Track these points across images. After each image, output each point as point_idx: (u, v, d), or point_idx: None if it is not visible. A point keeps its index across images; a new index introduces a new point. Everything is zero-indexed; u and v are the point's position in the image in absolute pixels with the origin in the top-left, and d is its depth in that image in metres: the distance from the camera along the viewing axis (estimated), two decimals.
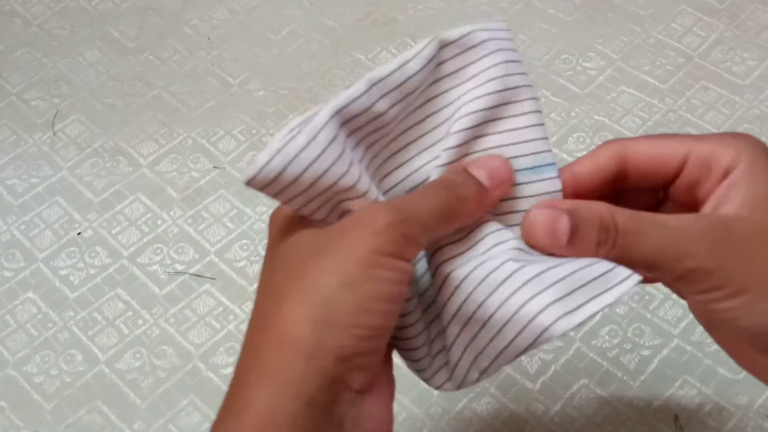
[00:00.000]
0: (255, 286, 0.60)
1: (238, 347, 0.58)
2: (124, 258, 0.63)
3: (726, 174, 0.33)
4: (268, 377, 0.29)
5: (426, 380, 0.35)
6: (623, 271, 0.31)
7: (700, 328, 0.56)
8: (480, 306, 0.31)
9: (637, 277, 0.31)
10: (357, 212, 0.32)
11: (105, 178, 0.67)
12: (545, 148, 0.35)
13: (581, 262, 0.31)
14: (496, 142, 0.35)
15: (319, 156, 0.30)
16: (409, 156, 0.35)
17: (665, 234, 0.32)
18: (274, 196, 0.31)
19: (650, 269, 0.32)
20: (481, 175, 0.34)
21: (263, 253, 0.62)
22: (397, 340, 0.34)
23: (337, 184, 0.31)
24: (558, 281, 0.30)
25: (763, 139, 0.68)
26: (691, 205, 0.35)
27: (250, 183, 0.30)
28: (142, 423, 0.56)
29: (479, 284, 0.32)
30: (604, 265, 0.31)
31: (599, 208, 0.33)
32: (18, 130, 0.71)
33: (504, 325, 0.31)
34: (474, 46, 0.35)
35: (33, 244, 0.64)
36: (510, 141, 0.35)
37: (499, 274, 0.31)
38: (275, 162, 0.30)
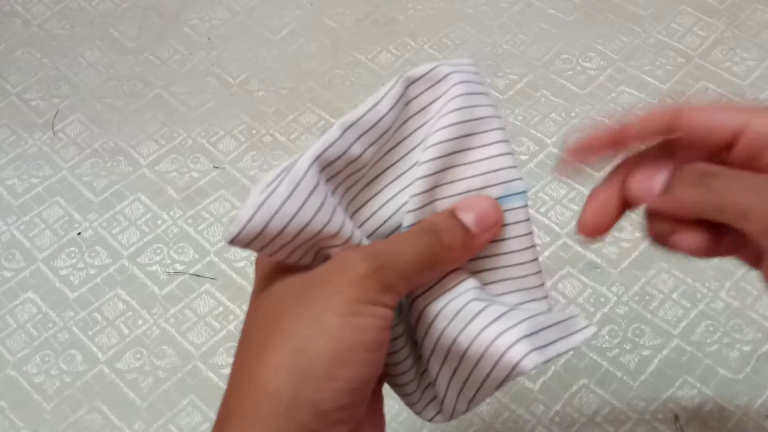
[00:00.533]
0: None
1: None
2: (124, 258, 0.63)
3: None
4: (249, 429, 0.29)
5: (418, 413, 0.35)
6: (581, 321, 0.32)
7: (701, 328, 0.57)
8: (454, 341, 0.32)
9: (594, 328, 0.32)
10: (336, 259, 0.31)
11: (105, 178, 0.67)
12: (515, 176, 0.35)
13: (540, 307, 0.33)
14: (465, 173, 0.34)
15: (301, 207, 0.30)
16: (389, 195, 0.35)
17: (760, 183, 0.31)
18: (259, 250, 0.31)
19: (740, 217, 0.31)
20: (468, 218, 0.33)
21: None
22: (387, 375, 0.35)
23: (322, 232, 0.31)
24: (524, 320, 0.31)
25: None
26: None
27: (234, 242, 0.30)
28: (142, 423, 0.56)
29: (451, 320, 0.32)
30: (562, 314, 0.32)
31: (698, 164, 0.32)
32: (18, 130, 0.71)
33: (478, 360, 0.31)
34: (439, 81, 0.34)
35: (33, 244, 0.64)
36: (479, 171, 0.34)
37: (469, 310, 0.32)
38: (258, 217, 0.29)
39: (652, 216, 0.34)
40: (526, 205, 0.35)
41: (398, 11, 0.76)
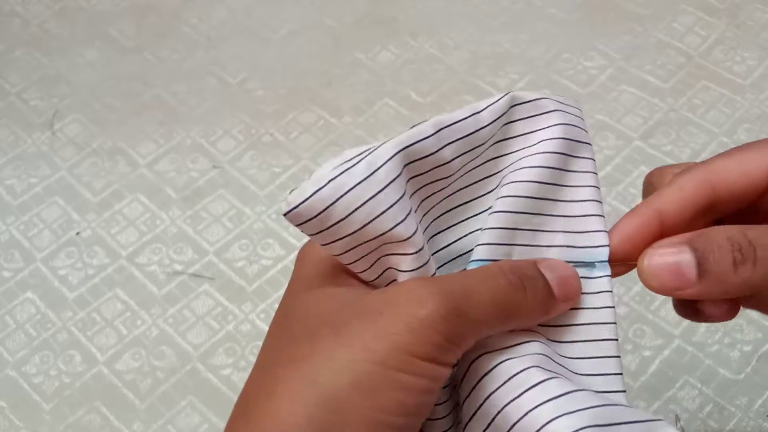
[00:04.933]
0: (254, 285, 0.60)
1: (237, 348, 0.58)
2: (123, 258, 0.63)
3: None
4: None
5: None
6: (667, 428, 0.26)
7: (702, 329, 0.56)
8: (500, 411, 0.26)
9: None
10: (396, 287, 0.26)
11: (104, 178, 0.67)
12: (602, 242, 0.30)
13: (617, 398, 0.27)
14: (549, 224, 0.30)
15: (376, 194, 0.25)
16: (464, 215, 0.31)
17: None
18: (314, 234, 0.26)
19: None
20: (551, 278, 0.28)
21: (262, 253, 0.62)
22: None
23: (391, 232, 0.26)
24: (592, 407, 0.25)
25: (763, 138, 0.67)
26: None
27: (290, 215, 0.25)
28: (141, 424, 0.55)
29: (502, 384, 0.26)
30: (643, 413, 0.26)
31: (723, 229, 0.28)
32: (17, 130, 0.71)
33: None
34: (542, 114, 0.31)
35: (32, 244, 0.64)
36: (564, 228, 0.30)
37: (526, 378, 0.26)
38: (324, 193, 0.25)
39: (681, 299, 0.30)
40: (609, 276, 0.30)
41: (398, 10, 0.76)
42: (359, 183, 0.25)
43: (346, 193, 0.25)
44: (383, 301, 0.25)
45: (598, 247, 0.30)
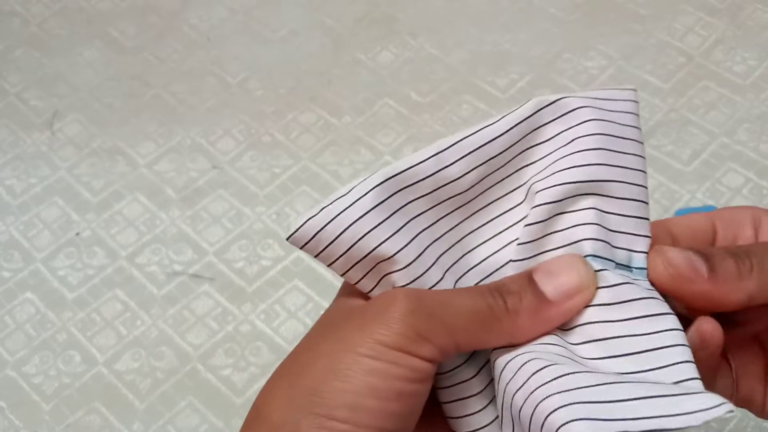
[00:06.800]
0: (254, 286, 0.60)
1: (236, 348, 0.58)
2: (123, 258, 0.63)
3: None
4: None
5: None
6: (708, 398, 0.24)
7: None
8: (520, 408, 0.27)
9: (727, 407, 0.24)
10: (381, 294, 0.29)
11: (103, 178, 0.67)
12: (642, 247, 0.30)
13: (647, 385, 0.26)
14: (583, 218, 0.30)
15: (362, 216, 0.28)
16: (489, 229, 0.32)
17: None
18: (316, 255, 0.29)
19: None
20: (547, 283, 0.29)
21: (262, 253, 0.62)
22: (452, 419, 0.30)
23: (377, 250, 0.29)
24: (598, 385, 0.25)
25: (764, 138, 0.67)
26: None
27: (291, 240, 0.29)
28: (140, 424, 0.55)
29: (513, 377, 0.27)
30: (677, 387, 0.25)
31: (721, 246, 0.30)
32: (16, 130, 0.71)
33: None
34: (572, 111, 0.31)
35: (31, 245, 0.64)
36: (602, 223, 0.30)
37: (531, 370, 0.27)
38: (316, 220, 0.29)
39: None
40: (646, 281, 0.30)
41: (398, 10, 0.76)
42: (346, 209, 0.28)
43: (334, 218, 0.28)
44: (369, 303, 0.29)
45: (638, 252, 0.30)
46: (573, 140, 0.30)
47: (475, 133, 0.30)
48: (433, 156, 0.30)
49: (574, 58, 0.71)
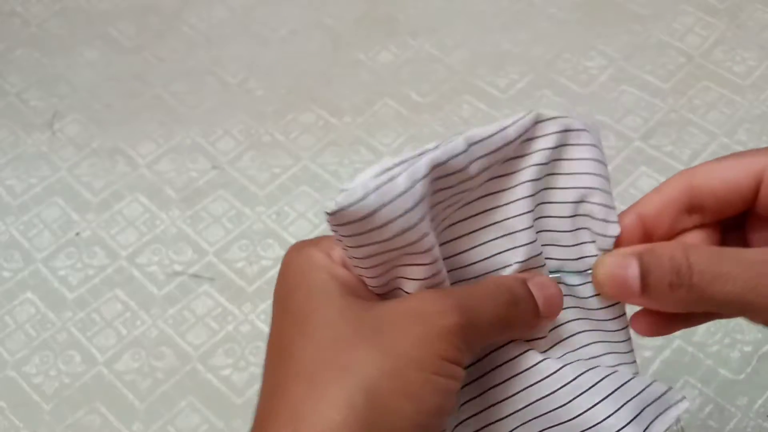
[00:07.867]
0: (254, 286, 0.60)
1: (236, 348, 0.58)
2: (123, 258, 0.63)
3: None
4: None
5: None
6: (675, 394, 0.31)
7: (702, 329, 0.56)
8: (561, 407, 0.30)
9: (687, 403, 0.31)
10: (417, 299, 0.28)
11: (103, 178, 0.67)
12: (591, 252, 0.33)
13: (644, 380, 0.31)
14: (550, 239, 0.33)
15: (414, 207, 0.27)
16: (479, 225, 0.32)
17: (751, 271, 0.28)
18: (349, 236, 0.27)
19: (739, 312, 0.29)
20: (538, 296, 0.30)
21: (262, 253, 0.62)
22: None
23: (417, 243, 0.28)
24: (632, 398, 0.30)
25: (764, 138, 0.67)
26: None
27: (337, 215, 0.26)
28: (140, 424, 0.55)
29: (564, 386, 0.30)
30: (659, 386, 0.31)
31: (669, 248, 0.29)
32: (17, 130, 0.71)
33: None
34: (568, 131, 0.32)
35: (32, 245, 0.64)
36: (557, 242, 0.33)
37: (584, 381, 0.30)
38: (371, 199, 0.26)
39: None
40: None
41: (398, 10, 0.76)
42: (400, 195, 0.27)
43: (390, 202, 0.26)
44: (406, 309, 0.28)
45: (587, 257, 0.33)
46: (581, 160, 0.32)
47: (496, 134, 0.30)
48: (465, 151, 0.29)
49: (574, 58, 0.71)
